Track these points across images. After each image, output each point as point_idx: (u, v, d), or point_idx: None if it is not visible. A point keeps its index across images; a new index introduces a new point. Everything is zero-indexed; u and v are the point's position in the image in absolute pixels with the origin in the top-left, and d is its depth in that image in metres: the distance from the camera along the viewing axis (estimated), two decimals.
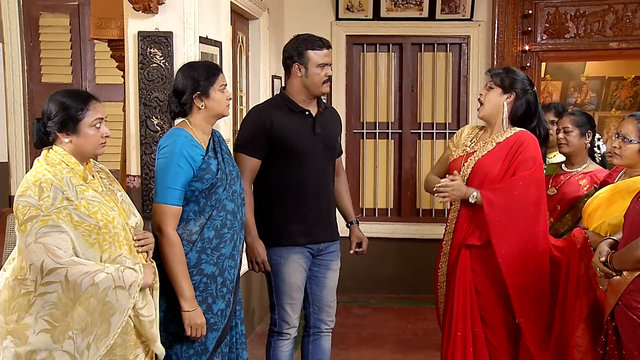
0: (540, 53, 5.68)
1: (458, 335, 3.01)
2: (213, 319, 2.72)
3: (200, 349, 2.70)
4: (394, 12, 5.66)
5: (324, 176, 3.27)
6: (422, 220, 5.88)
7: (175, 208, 2.66)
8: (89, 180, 2.38)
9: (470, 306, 3.02)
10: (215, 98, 2.74)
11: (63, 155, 2.35)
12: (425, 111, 5.86)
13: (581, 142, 3.40)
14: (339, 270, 3.40)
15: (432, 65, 5.82)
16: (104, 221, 2.32)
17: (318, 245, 3.26)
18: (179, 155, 2.64)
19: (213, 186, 2.69)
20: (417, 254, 5.69)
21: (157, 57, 3.33)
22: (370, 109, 5.91)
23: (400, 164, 5.92)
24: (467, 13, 5.60)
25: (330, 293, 3.36)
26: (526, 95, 3.11)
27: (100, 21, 3.47)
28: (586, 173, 3.35)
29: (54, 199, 2.25)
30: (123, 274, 2.29)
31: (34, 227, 2.22)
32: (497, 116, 3.13)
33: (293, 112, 3.19)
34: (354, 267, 5.68)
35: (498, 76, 3.14)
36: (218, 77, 2.75)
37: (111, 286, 2.26)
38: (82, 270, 2.23)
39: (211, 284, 2.71)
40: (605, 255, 2.50)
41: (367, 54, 5.86)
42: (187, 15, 3.34)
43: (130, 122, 3.42)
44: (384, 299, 5.73)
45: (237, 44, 4.64)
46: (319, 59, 3.14)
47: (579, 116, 3.47)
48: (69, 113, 2.34)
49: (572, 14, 5.62)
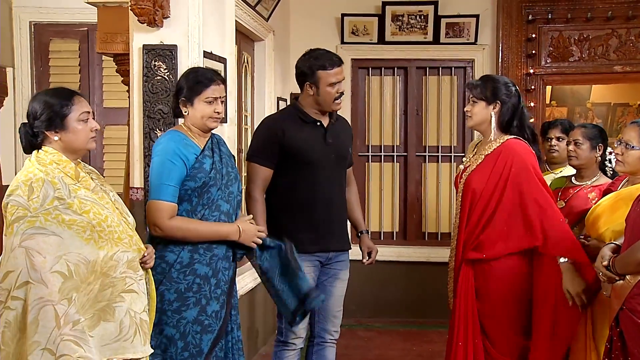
0: (545, 76, 5.71)
1: (459, 345, 3.02)
2: (207, 320, 2.70)
3: (195, 351, 2.68)
4: (398, 36, 5.72)
5: (335, 186, 3.30)
6: (428, 243, 5.85)
7: (169, 204, 2.66)
8: (81, 178, 2.36)
9: (472, 317, 3.02)
10: (197, 108, 2.76)
11: (53, 154, 2.33)
12: (430, 134, 5.88)
13: (591, 155, 3.37)
14: (347, 280, 3.40)
15: (437, 89, 5.86)
16: (96, 220, 2.29)
17: (328, 254, 3.27)
18: (172, 153, 2.67)
19: (205, 185, 2.70)
20: (423, 277, 5.65)
21: (162, 70, 3.36)
22: (375, 132, 5.93)
23: (406, 187, 5.92)
24: (471, 37, 5.65)
25: (337, 303, 3.35)
26: (510, 99, 3.12)
27: (106, 36, 3.52)
28: (595, 186, 3.30)
29: (43, 199, 2.22)
30: (59, 345, 2.16)
31: (20, 229, 2.19)
32: (486, 125, 3.15)
33: (305, 123, 3.23)
34: (359, 290, 5.65)
35: (477, 88, 3.15)
36: (207, 89, 2.75)
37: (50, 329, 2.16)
38: (39, 293, 2.15)
39: (205, 285, 2.70)
40: (608, 260, 2.47)
41: (372, 77, 5.91)
42: (192, 29, 3.38)
43: (134, 135, 3.44)
44: (390, 322, 5.66)
45: (243, 64, 4.69)
46: (330, 78, 3.18)
47: (591, 129, 3.44)
48: (54, 109, 2.32)
49: (576, 38, 5.67)
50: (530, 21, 5.60)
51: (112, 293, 2.32)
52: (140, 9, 3.14)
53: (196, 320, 2.69)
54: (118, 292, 2.33)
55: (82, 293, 2.26)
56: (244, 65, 4.71)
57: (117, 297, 2.33)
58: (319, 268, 3.27)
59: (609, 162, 3.41)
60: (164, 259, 2.70)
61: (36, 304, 2.15)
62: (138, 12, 3.15)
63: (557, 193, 3.42)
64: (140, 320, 2.38)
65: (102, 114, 5.64)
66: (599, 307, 2.81)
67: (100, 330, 2.29)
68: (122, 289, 2.34)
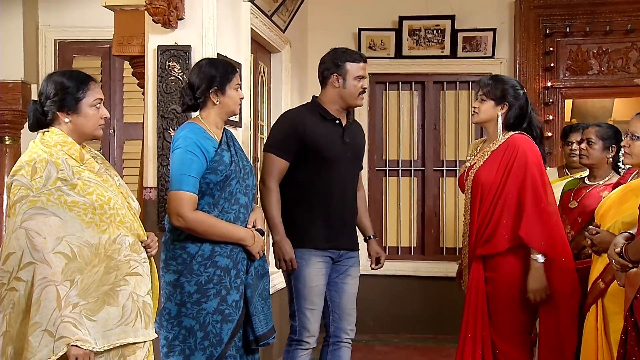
0: (563, 89, 5.67)
1: (468, 337, 3.02)
2: (228, 310, 2.70)
3: (215, 341, 2.68)
4: (415, 51, 5.73)
5: (349, 184, 3.34)
6: (445, 258, 5.77)
7: (191, 195, 2.67)
8: (85, 160, 2.35)
9: (482, 311, 3.02)
10: (230, 95, 2.80)
11: (59, 135, 2.32)
12: (448, 149, 5.85)
13: (603, 156, 3.33)
14: (358, 278, 3.39)
15: (455, 103, 5.85)
16: (99, 202, 2.28)
17: (339, 251, 3.28)
18: (193, 144, 2.68)
19: (227, 178, 2.72)
20: (441, 292, 5.57)
21: (176, 70, 3.41)
22: (393, 147, 5.92)
23: (424, 202, 5.87)
24: (488, 51, 5.65)
25: (350, 300, 3.33)
26: (518, 101, 3.14)
27: (122, 38, 3.58)
28: (608, 185, 3.26)
29: (46, 179, 2.22)
30: (59, 327, 2.15)
31: (21, 209, 2.19)
32: (491, 124, 3.16)
33: (325, 119, 3.28)
34: (376, 305, 5.60)
35: (487, 86, 3.17)
36: (235, 75, 2.83)
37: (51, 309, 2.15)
38: (43, 272, 2.15)
39: (225, 276, 2.71)
40: (621, 247, 2.42)
41: (389, 92, 5.91)
42: (206, 31, 3.42)
43: (147, 135, 3.48)
44: (407, 337, 5.58)
45: (259, 74, 4.73)
46: (356, 71, 3.27)
47: (605, 129, 3.40)
48: (69, 92, 2.32)
49: (595, 52, 5.63)
50: (548, 35, 5.58)
51: (117, 276, 2.30)
52: (154, 9, 3.20)
53: (217, 310, 2.69)
54: (122, 275, 2.32)
55: (87, 275, 2.24)
56: (260, 76, 4.76)
57: (121, 280, 2.31)
58: (330, 265, 3.26)
59: (623, 163, 3.36)
60: (186, 249, 2.71)
61: (39, 283, 2.15)
62: (152, 11, 3.21)
63: (570, 194, 3.38)
64: (143, 303, 2.36)
65: (122, 129, 5.73)
66: (610, 302, 2.74)
67: (104, 314, 2.26)
68: (126, 272, 2.33)
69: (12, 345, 2.20)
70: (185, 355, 2.67)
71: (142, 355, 2.37)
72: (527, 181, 2.98)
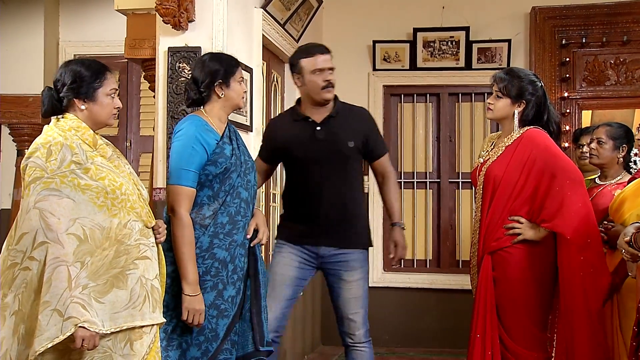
0: (580, 100, 5.61)
1: (477, 337, 2.96)
2: (224, 305, 2.68)
3: (210, 336, 2.65)
4: (430, 62, 5.73)
5: (330, 181, 3.20)
6: (462, 271, 5.66)
7: (189, 189, 2.67)
8: (98, 145, 2.40)
9: (491, 309, 2.96)
10: (234, 88, 2.81)
11: (73, 120, 2.38)
12: (463, 161, 5.81)
13: (613, 155, 3.29)
14: (355, 282, 3.24)
15: (470, 115, 5.82)
16: (111, 187, 2.32)
17: (317, 248, 3.21)
18: (193, 138, 2.68)
19: (227, 171, 2.71)
20: (457, 305, 5.47)
21: (186, 72, 3.44)
22: (408, 159, 5.89)
23: (439, 214, 5.82)
24: (503, 62, 5.62)
25: (347, 305, 3.23)
26: (536, 98, 3.07)
27: (134, 42, 3.64)
28: (620, 184, 3.22)
29: (61, 162, 2.26)
30: (68, 307, 2.16)
31: (35, 189, 2.22)
32: (507, 120, 3.11)
33: (295, 120, 3.29)
34: (391, 319, 5.53)
35: (503, 81, 3.09)
36: (238, 69, 2.85)
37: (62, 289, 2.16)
38: (56, 252, 2.17)
39: (222, 269, 2.69)
40: (630, 236, 2.36)
41: (404, 104, 5.90)
42: (216, 33, 3.46)
43: (157, 135, 3.51)
44: (423, 351, 5.48)
45: (272, 82, 4.75)
46: (311, 65, 3.19)
47: (616, 128, 3.35)
48: (87, 80, 2.37)
49: (612, 62, 5.57)
50: (563, 45, 5.55)
51: (127, 260, 2.32)
52: (164, 9, 3.25)
53: (212, 305, 2.67)
54: (132, 259, 2.33)
55: (97, 258, 2.26)
56: (273, 84, 4.77)
57: (130, 264, 2.33)
58: (310, 262, 3.25)
59: (634, 163, 3.31)
60: None
61: (51, 263, 2.17)
62: (162, 12, 3.26)
63: None
64: (152, 286, 2.37)
65: (138, 142, 5.79)
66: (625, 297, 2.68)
67: (112, 296, 2.27)
68: (136, 256, 2.34)
69: (23, 325, 2.21)
70: (182, 350, 2.65)
71: (149, 340, 2.36)
72: (557, 171, 2.91)
